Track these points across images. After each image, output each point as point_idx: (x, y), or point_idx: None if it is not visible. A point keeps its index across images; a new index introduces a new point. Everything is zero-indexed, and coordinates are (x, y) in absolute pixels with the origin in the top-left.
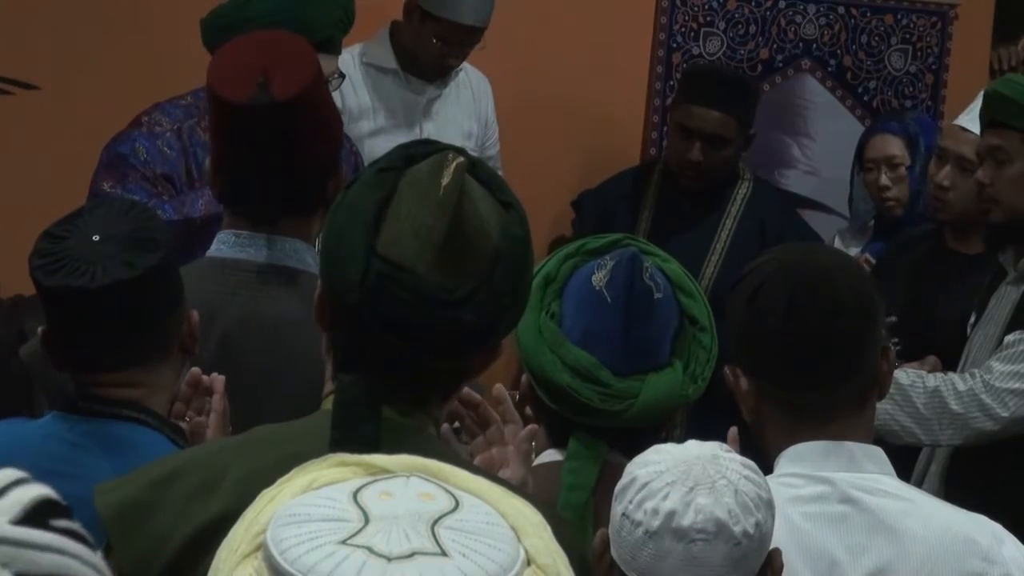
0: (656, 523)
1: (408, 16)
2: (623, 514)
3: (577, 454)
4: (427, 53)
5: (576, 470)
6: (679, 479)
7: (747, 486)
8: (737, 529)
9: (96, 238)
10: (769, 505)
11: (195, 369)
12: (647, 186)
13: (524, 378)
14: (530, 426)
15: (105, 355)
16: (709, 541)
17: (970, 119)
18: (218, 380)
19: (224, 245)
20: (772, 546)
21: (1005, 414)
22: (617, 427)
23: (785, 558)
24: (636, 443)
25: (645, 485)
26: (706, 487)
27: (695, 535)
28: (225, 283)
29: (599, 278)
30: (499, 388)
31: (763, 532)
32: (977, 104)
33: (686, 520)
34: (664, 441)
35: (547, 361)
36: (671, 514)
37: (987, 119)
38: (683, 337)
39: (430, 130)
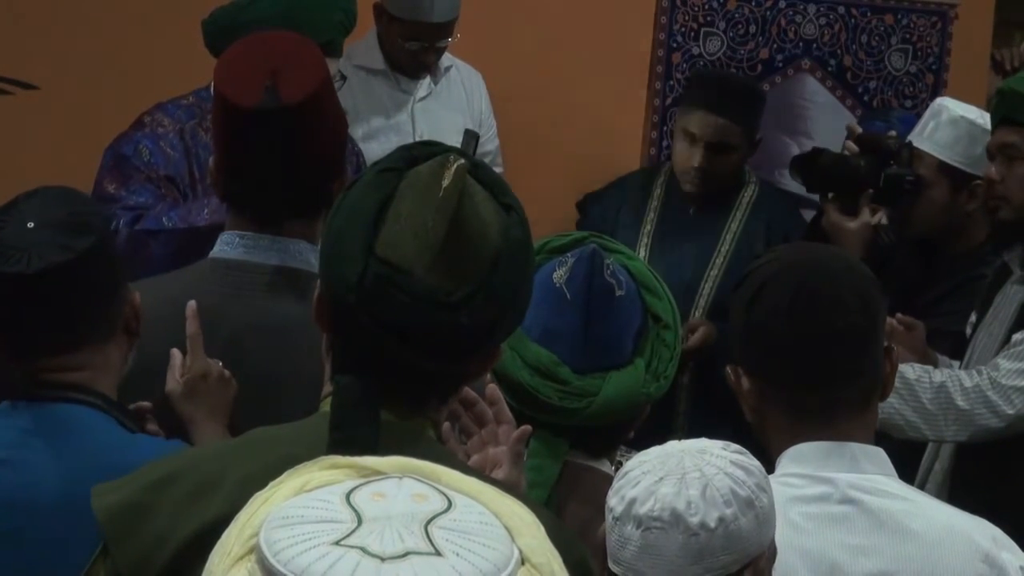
0: (620, 509)
1: (378, 19)
2: (606, 500)
3: (538, 452)
4: (401, 54)
5: (537, 468)
6: (653, 469)
7: (722, 481)
8: (694, 520)
9: (31, 225)
10: (748, 504)
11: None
12: (653, 188)
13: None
14: (523, 427)
15: (47, 339)
16: (664, 530)
17: (916, 134)
18: (190, 306)
19: (228, 246)
20: (759, 551)
21: (1011, 411)
22: (579, 425)
23: (784, 558)
24: (600, 442)
25: (626, 474)
26: (675, 477)
27: (651, 523)
28: (230, 284)
29: (559, 275)
30: (492, 388)
31: (730, 528)
32: (926, 119)
33: (644, 508)
34: (630, 441)
35: (507, 359)
36: (632, 501)
37: (1000, 116)
38: (646, 335)
39: (423, 129)
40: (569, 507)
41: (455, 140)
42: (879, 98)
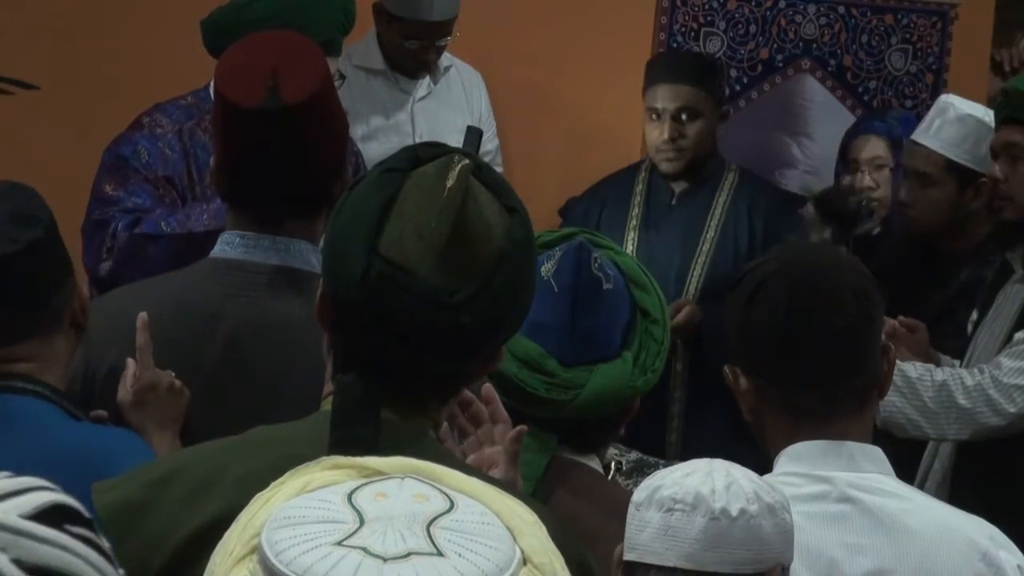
0: (643, 497)
1: (377, 19)
2: (623, 504)
3: (526, 446)
4: (402, 53)
5: (523, 462)
6: (682, 467)
7: (748, 483)
8: (716, 505)
9: None
10: (771, 510)
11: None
12: (634, 184)
13: None
14: (519, 427)
15: None
16: (686, 512)
17: (922, 131)
18: (141, 317)
19: (229, 246)
20: (775, 563)
21: (1012, 410)
22: (566, 418)
23: None
24: (588, 437)
25: (654, 474)
26: (702, 472)
27: (673, 505)
28: (231, 284)
29: (547, 268)
30: (488, 388)
31: (750, 523)
32: (932, 116)
33: (668, 492)
34: (622, 437)
35: None
36: (657, 488)
37: (1004, 116)
38: (634, 329)
39: (422, 128)
40: (555, 499)
41: (455, 140)
42: (879, 98)
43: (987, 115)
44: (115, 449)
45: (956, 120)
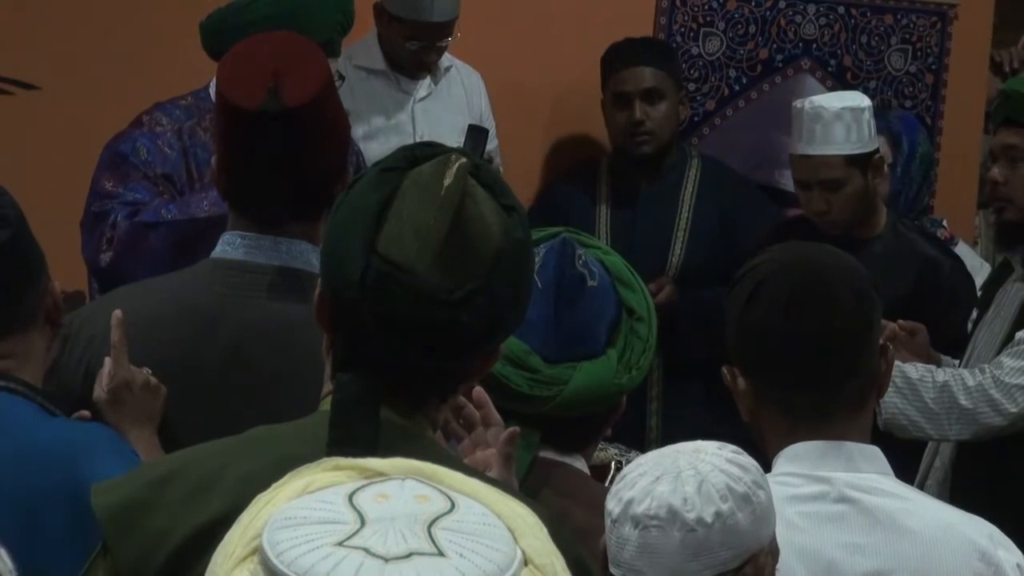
0: (617, 511)
1: (378, 19)
2: (604, 504)
3: None
4: (402, 53)
5: None
6: (649, 471)
7: (718, 477)
8: (691, 516)
9: None
10: (745, 499)
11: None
12: (597, 180)
13: None
14: (511, 428)
15: None
16: (663, 528)
17: (806, 143)
18: (115, 315)
19: (230, 247)
20: (758, 547)
21: (1014, 409)
22: (549, 415)
23: (782, 557)
24: (572, 437)
25: (623, 477)
26: (670, 476)
27: (648, 522)
28: (232, 285)
29: None
30: (479, 391)
31: (727, 524)
32: (806, 125)
33: (641, 507)
34: (608, 436)
35: None
36: (630, 502)
37: (1003, 117)
38: (620, 327)
39: (423, 129)
40: (539, 498)
41: (455, 140)
42: (879, 98)
43: (853, 98)
44: (90, 444)
45: (835, 119)
